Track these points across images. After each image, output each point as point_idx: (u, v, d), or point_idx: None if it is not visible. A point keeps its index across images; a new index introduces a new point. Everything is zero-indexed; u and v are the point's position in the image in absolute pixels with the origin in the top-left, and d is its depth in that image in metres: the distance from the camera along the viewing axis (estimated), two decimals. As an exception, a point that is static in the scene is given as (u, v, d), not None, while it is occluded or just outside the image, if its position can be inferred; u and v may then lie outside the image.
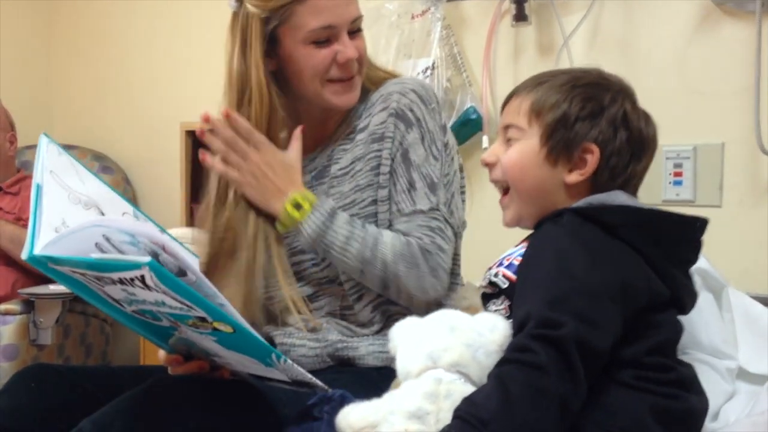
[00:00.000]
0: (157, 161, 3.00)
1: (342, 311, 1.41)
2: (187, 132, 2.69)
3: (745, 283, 1.49)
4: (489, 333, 1.01)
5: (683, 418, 1.03)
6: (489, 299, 1.13)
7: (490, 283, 1.13)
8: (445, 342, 1.01)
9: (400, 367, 1.05)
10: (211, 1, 2.76)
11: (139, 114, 3.07)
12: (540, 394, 0.90)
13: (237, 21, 1.37)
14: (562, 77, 1.14)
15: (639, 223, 1.06)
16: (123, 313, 1.13)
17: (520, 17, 2.13)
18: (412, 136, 1.36)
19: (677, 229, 1.10)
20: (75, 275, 1.03)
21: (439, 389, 0.98)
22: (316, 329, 1.40)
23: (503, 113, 1.18)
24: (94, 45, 3.18)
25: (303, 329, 1.39)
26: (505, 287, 1.10)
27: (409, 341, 1.05)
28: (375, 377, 1.31)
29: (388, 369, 1.30)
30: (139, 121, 3.07)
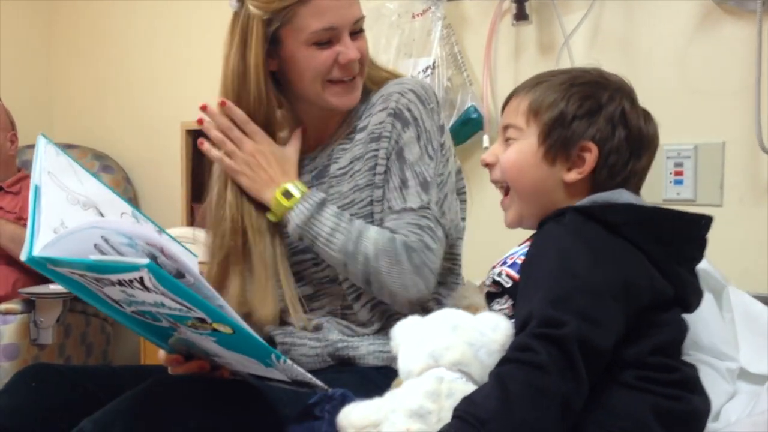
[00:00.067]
0: (158, 160, 3.00)
1: (343, 311, 1.41)
2: (188, 131, 2.69)
3: (746, 283, 1.49)
4: (491, 332, 1.01)
5: (686, 419, 1.03)
6: (493, 298, 1.13)
7: (494, 282, 1.12)
8: (448, 341, 1.01)
9: (402, 366, 1.04)
10: (211, 1, 2.76)
11: (140, 113, 3.07)
12: (540, 393, 0.90)
13: (237, 21, 1.37)
14: (560, 77, 1.14)
15: (642, 222, 1.06)
16: (123, 314, 1.13)
17: (520, 16, 2.12)
18: (408, 134, 1.35)
19: (681, 227, 1.09)
20: (74, 276, 1.03)
21: (441, 388, 0.97)
22: (316, 329, 1.40)
23: (503, 114, 1.18)
24: (94, 45, 3.18)
25: (306, 325, 1.39)
26: (509, 286, 1.10)
27: (411, 340, 1.05)
28: (375, 377, 1.31)
29: (388, 368, 1.31)
30: (140, 121, 3.07)
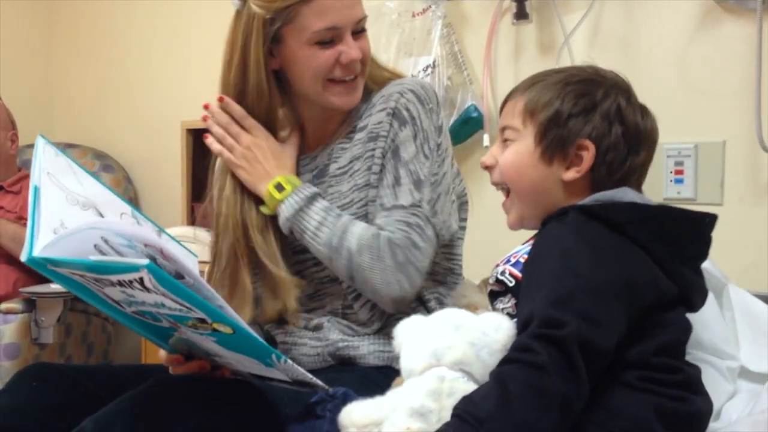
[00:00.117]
0: (158, 160, 3.00)
1: (343, 310, 1.41)
2: (188, 131, 2.69)
3: (746, 281, 1.49)
4: (493, 332, 1.01)
5: (689, 420, 1.03)
6: (496, 297, 1.12)
7: (497, 281, 1.12)
8: (449, 340, 1.01)
9: (403, 365, 1.05)
10: (211, 1, 2.76)
11: (140, 113, 3.07)
12: (540, 393, 0.90)
13: (240, 19, 1.37)
14: (556, 76, 1.14)
15: (645, 220, 1.05)
16: (123, 314, 1.13)
17: (520, 15, 2.12)
18: (404, 133, 1.35)
19: (685, 226, 1.08)
20: (74, 277, 1.03)
21: (442, 387, 0.97)
22: (316, 328, 1.41)
23: (501, 115, 1.18)
24: (94, 45, 3.18)
25: (299, 323, 1.39)
26: (512, 285, 1.09)
27: (414, 339, 1.05)
28: (376, 376, 1.31)
29: (388, 368, 1.31)
30: (140, 120, 3.07)
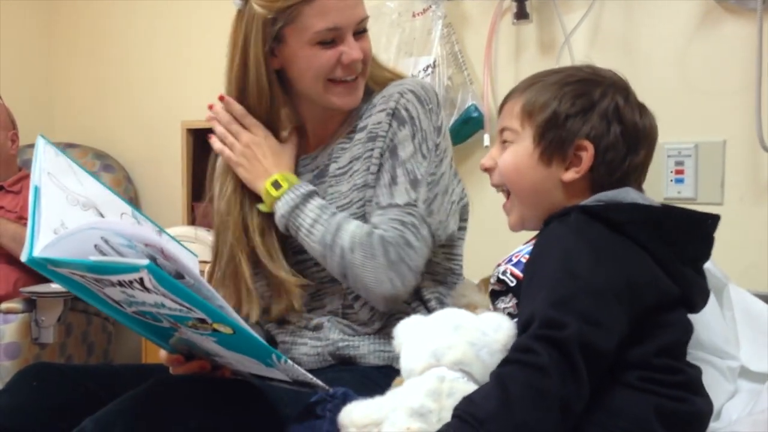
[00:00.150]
0: (159, 160, 3.00)
1: (344, 310, 1.40)
2: (188, 130, 2.69)
3: (747, 281, 1.49)
4: (493, 332, 1.01)
5: (689, 420, 1.02)
6: (498, 296, 1.12)
7: (498, 281, 1.12)
8: (449, 340, 1.01)
9: (403, 365, 1.04)
10: (211, 1, 2.76)
11: (140, 113, 3.07)
12: (540, 395, 0.90)
13: (242, 19, 1.37)
14: (553, 77, 1.13)
15: (646, 221, 1.05)
16: (123, 314, 1.13)
17: (521, 15, 2.12)
18: (403, 133, 1.35)
19: (687, 226, 1.08)
20: (74, 277, 1.03)
21: (442, 387, 0.97)
22: (317, 328, 1.41)
23: (499, 117, 1.18)
24: (94, 45, 3.18)
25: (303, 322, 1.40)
26: (513, 285, 1.09)
27: (414, 339, 1.05)
28: (376, 376, 1.31)
29: (389, 368, 1.31)
30: (140, 120, 3.07)
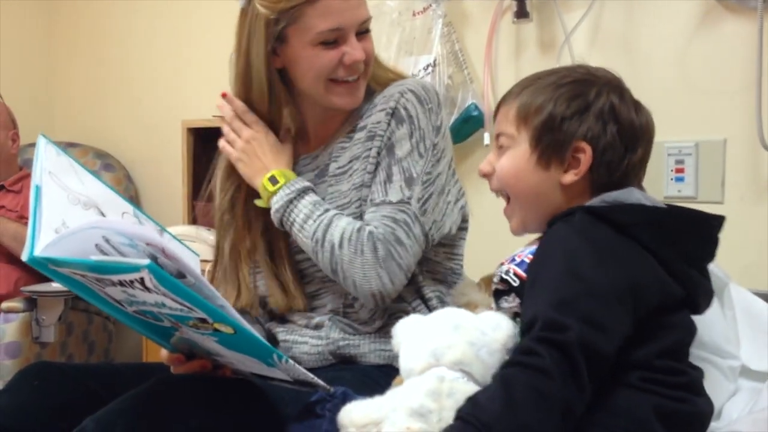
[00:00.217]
0: (159, 159, 3.00)
1: (345, 309, 1.41)
2: (189, 129, 2.69)
3: (747, 280, 1.48)
4: (492, 332, 1.01)
5: (690, 421, 1.02)
6: (501, 295, 1.11)
7: (501, 280, 1.11)
8: (449, 340, 1.00)
9: (403, 364, 1.04)
10: (211, 1, 2.76)
11: (141, 112, 3.07)
12: (543, 397, 0.89)
13: (245, 18, 1.37)
14: (546, 79, 1.13)
15: (651, 222, 1.04)
16: (124, 313, 1.13)
17: (521, 14, 2.12)
18: (401, 131, 1.36)
19: (692, 227, 1.07)
20: (75, 276, 1.03)
21: (442, 387, 0.97)
22: (317, 327, 1.41)
23: (495, 122, 1.17)
24: (94, 44, 3.18)
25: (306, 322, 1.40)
26: (516, 285, 1.09)
27: (413, 338, 1.04)
28: (377, 375, 1.31)
29: (389, 367, 1.31)
30: (141, 119, 3.08)
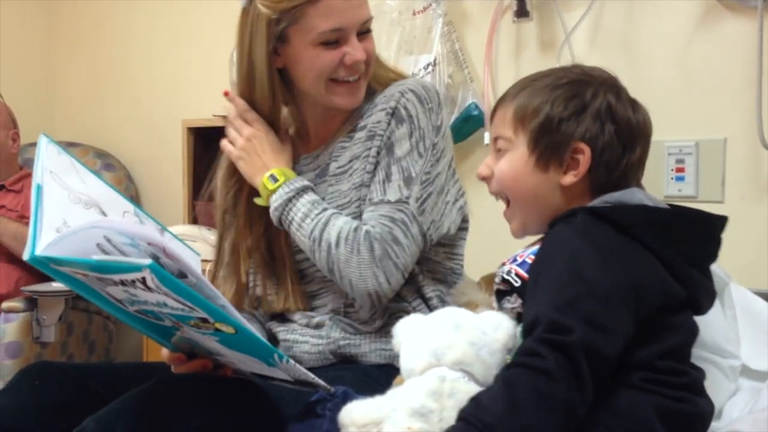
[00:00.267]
0: (160, 158, 3.00)
1: (345, 309, 1.41)
2: (189, 129, 2.69)
3: (747, 279, 1.48)
4: (493, 331, 1.01)
5: (691, 421, 1.02)
6: (503, 296, 1.11)
7: (503, 280, 1.11)
8: (450, 339, 1.00)
9: (403, 364, 1.04)
10: (211, 1, 2.76)
11: (141, 112, 3.07)
12: (545, 398, 0.89)
13: (247, 17, 1.37)
14: (542, 80, 1.12)
15: (653, 223, 1.04)
16: (125, 313, 1.13)
17: (521, 13, 2.13)
18: (401, 131, 1.36)
19: (694, 228, 1.07)
20: (76, 276, 1.03)
21: (443, 387, 0.97)
22: (318, 326, 1.41)
23: (492, 125, 1.17)
24: (94, 44, 3.18)
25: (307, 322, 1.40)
26: (518, 286, 1.09)
27: (413, 338, 1.04)
28: (377, 374, 1.31)
29: (390, 366, 1.31)
30: (141, 119, 3.07)
